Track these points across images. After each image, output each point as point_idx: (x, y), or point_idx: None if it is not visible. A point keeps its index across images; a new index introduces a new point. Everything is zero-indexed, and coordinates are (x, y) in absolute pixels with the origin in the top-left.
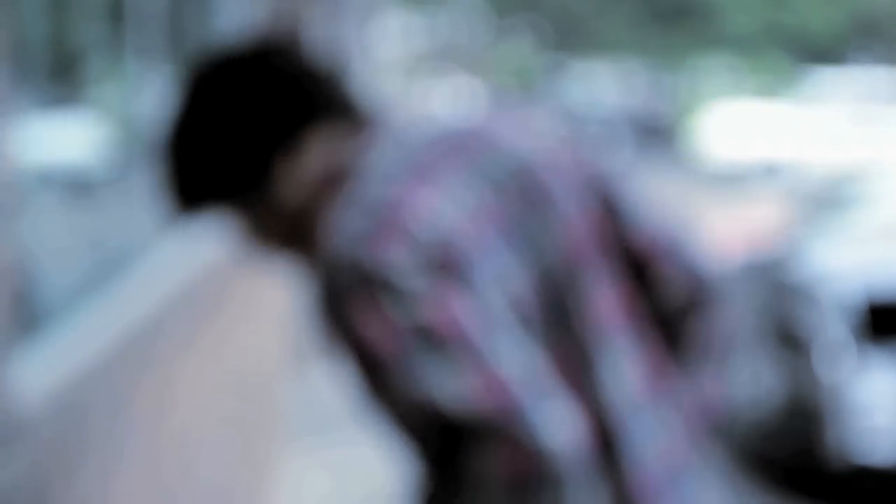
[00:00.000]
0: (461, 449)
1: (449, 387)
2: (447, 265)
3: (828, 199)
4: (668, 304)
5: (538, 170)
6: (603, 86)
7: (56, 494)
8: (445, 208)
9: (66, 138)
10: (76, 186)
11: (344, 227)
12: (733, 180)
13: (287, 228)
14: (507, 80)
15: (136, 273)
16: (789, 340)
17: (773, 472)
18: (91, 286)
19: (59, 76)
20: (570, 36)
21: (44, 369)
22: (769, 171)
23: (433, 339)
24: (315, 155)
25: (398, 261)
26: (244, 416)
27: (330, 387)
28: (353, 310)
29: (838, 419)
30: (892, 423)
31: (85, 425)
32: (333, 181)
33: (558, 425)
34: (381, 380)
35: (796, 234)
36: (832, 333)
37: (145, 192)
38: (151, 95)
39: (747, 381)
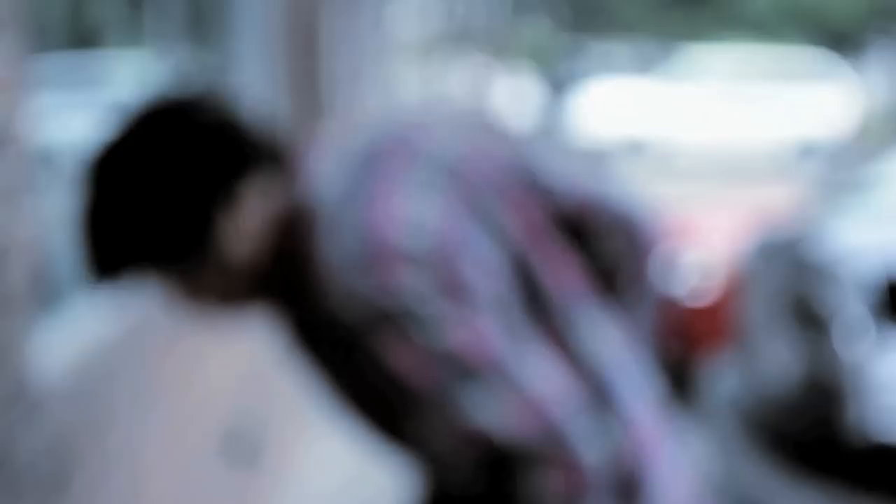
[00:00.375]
0: (510, 476)
1: (493, 413)
2: (451, 275)
3: (847, 180)
4: (609, 254)
5: (468, 164)
6: (620, 67)
7: (78, 462)
8: (422, 211)
9: (82, 115)
10: None
11: (335, 262)
12: (597, 156)
13: (238, 283)
14: (525, 61)
15: None
16: (809, 318)
17: (791, 449)
18: None
19: (77, 53)
20: (587, 17)
21: (65, 340)
22: (633, 148)
23: (467, 365)
24: (254, 203)
25: (407, 283)
26: (272, 381)
27: None
28: (379, 345)
29: (858, 397)
30: None
31: (108, 395)
32: (280, 224)
33: (596, 439)
34: (418, 414)
35: (816, 213)
36: (852, 311)
37: None
38: (168, 74)
39: (767, 358)
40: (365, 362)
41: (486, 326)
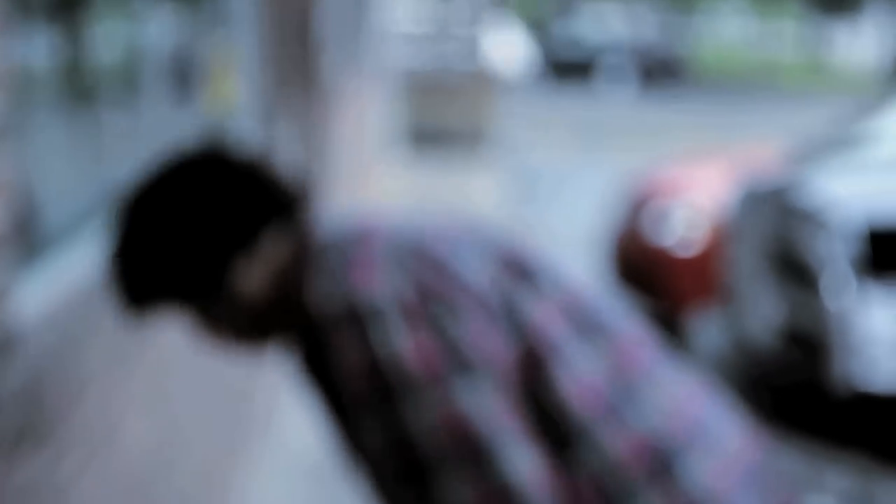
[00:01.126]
0: (430, 484)
1: (423, 423)
2: (424, 282)
3: (836, 134)
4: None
5: (436, 238)
6: (614, 27)
7: (55, 407)
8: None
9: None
10: (82, 109)
11: (321, 273)
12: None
13: (252, 319)
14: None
15: None
16: (793, 267)
17: (776, 399)
18: (96, 208)
19: (62, 14)
20: None
21: (46, 285)
22: None
23: (409, 375)
24: (270, 247)
25: (378, 288)
26: None
27: None
28: (337, 342)
29: (842, 347)
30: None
31: (88, 340)
32: (289, 267)
33: (528, 468)
34: (357, 415)
35: (801, 164)
36: (836, 260)
37: (150, 118)
38: (156, 32)
39: (752, 309)
40: (329, 359)
41: (438, 343)
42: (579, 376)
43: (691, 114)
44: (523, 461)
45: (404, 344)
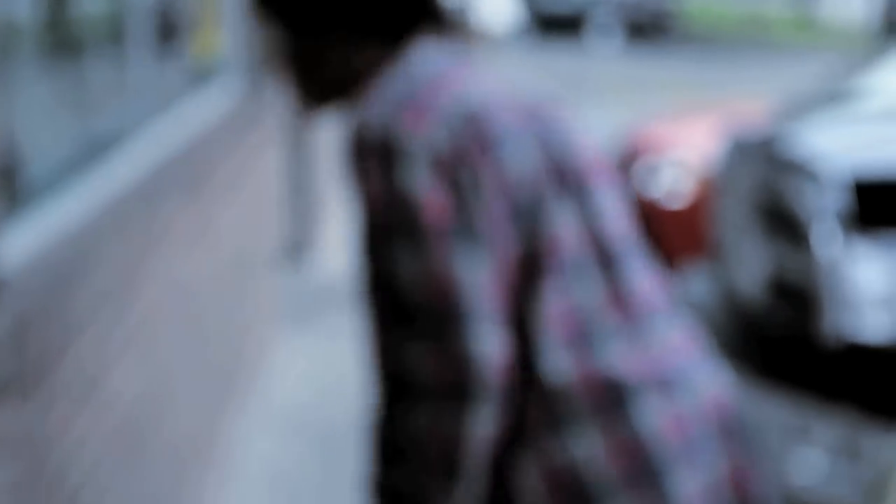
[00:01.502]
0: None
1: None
2: (481, 138)
3: (821, 89)
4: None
5: (500, 117)
6: None
7: (42, 355)
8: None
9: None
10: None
11: (382, 96)
12: None
13: (331, 82)
14: None
15: (127, 144)
16: (782, 219)
17: (764, 350)
18: (82, 160)
19: None
20: None
21: (32, 235)
22: None
23: (473, 230)
24: (388, 42)
25: (423, 132)
26: (236, 295)
27: (314, 277)
28: (368, 168)
29: (830, 297)
30: (885, 299)
31: (74, 290)
32: (376, 70)
33: (492, 349)
34: (406, 244)
35: (789, 118)
36: (825, 212)
37: (135, 70)
38: None
39: (740, 261)
40: (359, 175)
41: (454, 204)
42: (567, 302)
43: (679, 69)
44: (491, 341)
45: (423, 191)
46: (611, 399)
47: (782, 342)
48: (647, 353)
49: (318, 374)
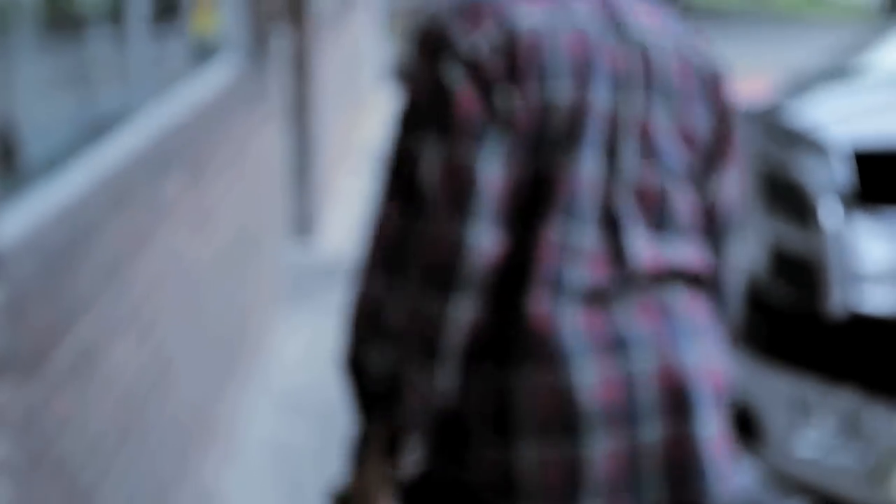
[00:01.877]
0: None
1: (491, 172)
2: (524, 56)
3: (827, 64)
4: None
5: (538, 42)
6: None
7: (40, 330)
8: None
9: None
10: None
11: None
12: None
13: None
14: None
15: (127, 122)
16: (785, 189)
17: (767, 322)
18: (82, 137)
19: None
20: None
21: (31, 213)
22: None
23: (500, 127)
24: None
25: (476, 37)
26: (237, 273)
27: (317, 253)
28: (415, 57)
29: (836, 268)
30: (890, 271)
31: (73, 268)
32: None
33: (486, 243)
34: (439, 133)
35: (794, 91)
36: (829, 182)
37: (135, 48)
38: None
39: (746, 231)
40: (413, 68)
41: (487, 105)
42: (560, 242)
43: None
44: (487, 238)
45: (459, 88)
46: (553, 347)
47: (785, 313)
48: (608, 316)
49: (320, 352)
